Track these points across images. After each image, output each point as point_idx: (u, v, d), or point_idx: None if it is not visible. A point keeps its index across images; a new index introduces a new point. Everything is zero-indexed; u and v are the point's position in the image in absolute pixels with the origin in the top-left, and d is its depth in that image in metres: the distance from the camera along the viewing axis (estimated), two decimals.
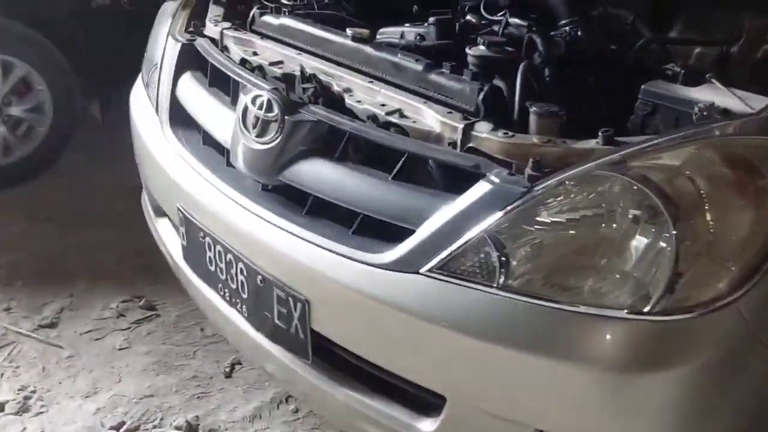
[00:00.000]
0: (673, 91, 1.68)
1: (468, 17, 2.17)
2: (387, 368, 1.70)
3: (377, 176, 1.74)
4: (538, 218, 1.51)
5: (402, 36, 2.09)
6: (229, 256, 1.96)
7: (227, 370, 2.67)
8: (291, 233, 1.81)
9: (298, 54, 2.07)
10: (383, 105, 1.83)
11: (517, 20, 2.05)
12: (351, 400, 1.79)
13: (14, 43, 3.60)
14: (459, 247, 1.55)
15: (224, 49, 2.25)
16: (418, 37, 2.07)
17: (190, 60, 2.29)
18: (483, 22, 2.14)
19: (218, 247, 1.99)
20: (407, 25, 2.18)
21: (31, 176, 3.80)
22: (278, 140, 1.84)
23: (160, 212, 2.43)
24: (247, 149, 1.91)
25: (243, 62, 2.15)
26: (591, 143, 1.58)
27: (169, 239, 2.36)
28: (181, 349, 2.79)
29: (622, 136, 1.61)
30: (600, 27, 2.16)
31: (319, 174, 1.80)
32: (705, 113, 1.56)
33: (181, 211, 2.11)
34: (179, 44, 2.30)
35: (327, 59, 2.02)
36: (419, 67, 1.87)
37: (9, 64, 3.60)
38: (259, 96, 1.89)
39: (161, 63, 2.33)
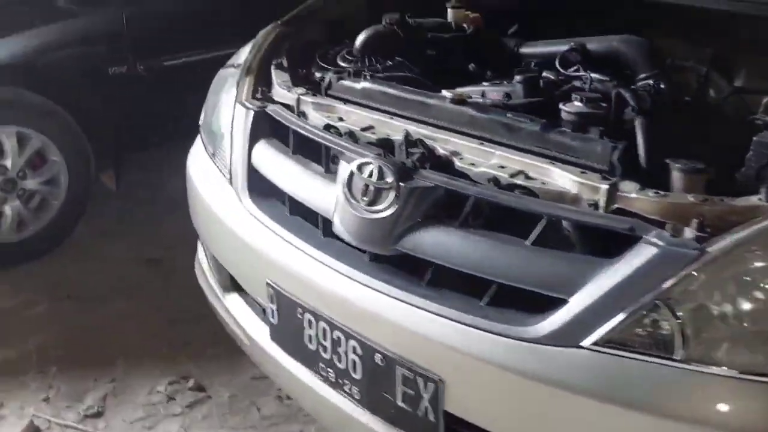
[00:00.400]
0: None
1: (545, 74, 2.12)
2: None
3: (512, 242, 1.64)
4: (717, 282, 1.42)
5: (483, 95, 2.03)
6: (337, 333, 1.84)
7: None
8: (416, 306, 1.69)
9: (390, 118, 1.98)
10: (502, 167, 1.74)
11: (597, 75, 2.00)
12: None
13: (30, 115, 3.44)
14: (629, 317, 1.45)
15: (301, 114, 2.14)
16: (505, 96, 2.01)
17: (263, 127, 2.17)
18: (560, 78, 2.09)
19: (322, 324, 1.87)
20: (486, 84, 2.13)
21: (46, 251, 3.61)
22: (394, 208, 1.74)
23: (229, 288, 2.30)
24: (356, 218, 1.79)
25: (328, 128, 2.05)
26: (752, 200, 1.51)
27: (245, 317, 2.22)
28: None
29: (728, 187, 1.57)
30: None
31: (443, 241, 1.70)
32: None
33: (271, 287, 1.98)
34: (251, 112, 2.19)
35: (423, 122, 1.93)
36: (536, 127, 1.79)
37: (25, 136, 3.44)
38: (368, 163, 1.79)
39: (231, 132, 2.22)
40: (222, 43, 3.80)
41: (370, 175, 1.78)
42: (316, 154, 2.03)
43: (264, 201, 2.10)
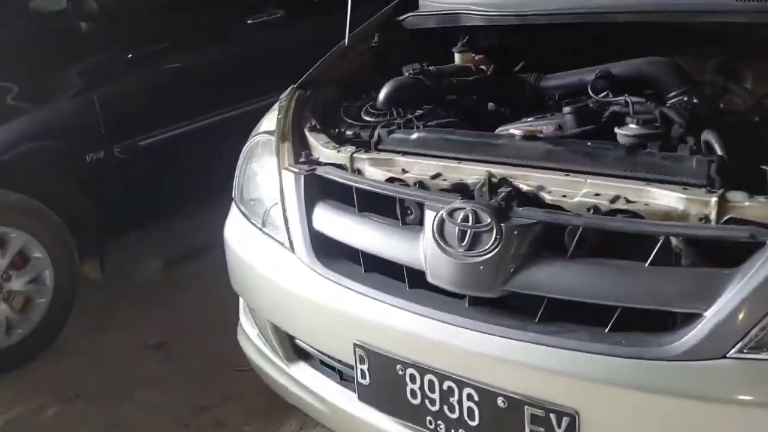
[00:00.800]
0: None
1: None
2: None
3: (630, 266, 1.67)
4: None
5: None
6: (447, 383, 1.81)
7: None
8: (536, 343, 1.69)
9: (458, 163, 1.99)
10: (597, 194, 1.77)
11: (633, 98, 2.08)
12: None
13: (10, 214, 3.29)
14: None
15: (357, 172, 2.13)
16: (557, 127, 2.07)
17: (317, 190, 2.15)
18: (598, 105, 2.16)
19: (428, 377, 1.84)
20: (530, 119, 2.18)
21: (38, 352, 3.43)
22: (497, 249, 1.74)
23: (294, 358, 2.24)
24: (455, 264, 1.79)
25: (391, 181, 2.04)
26: None
27: (319, 384, 2.16)
28: None
29: None
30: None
31: (559, 275, 1.71)
32: None
33: (361, 347, 1.94)
34: (301, 176, 2.16)
35: (495, 162, 1.95)
36: (621, 152, 1.83)
37: (6, 235, 3.28)
38: (459, 209, 1.79)
39: (282, 199, 2.18)
40: (196, 115, 3.80)
41: (465, 220, 1.78)
42: (383, 208, 2.02)
43: (334, 263, 2.07)
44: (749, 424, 1.51)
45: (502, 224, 1.74)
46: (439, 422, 1.85)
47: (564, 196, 1.80)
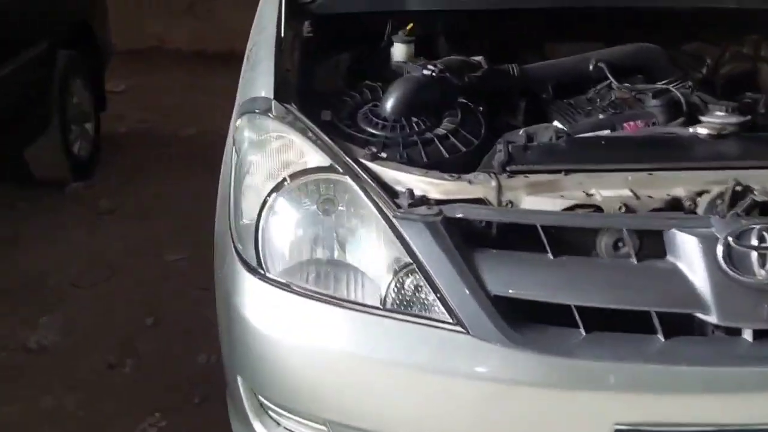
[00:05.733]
0: None
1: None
2: None
3: None
4: None
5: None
6: None
7: None
8: None
9: (649, 174, 1.63)
10: None
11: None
12: None
13: None
14: None
15: (509, 203, 1.59)
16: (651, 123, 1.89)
17: (457, 239, 1.54)
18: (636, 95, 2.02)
19: None
20: (601, 116, 1.97)
21: None
22: None
23: None
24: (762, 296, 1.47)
25: (571, 208, 1.58)
26: None
27: None
28: None
29: None
30: None
31: None
32: None
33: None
34: (437, 224, 1.52)
35: (694, 168, 1.65)
36: None
37: None
38: (748, 230, 1.47)
39: (421, 262, 1.51)
40: None
41: (762, 240, 1.47)
42: (565, 245, 1.55)
43: (535, 334, 1.51)
44: None
45: None
46: None
47: None
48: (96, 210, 3.94)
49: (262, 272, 1.60)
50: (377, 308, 1.54)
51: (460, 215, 1.54)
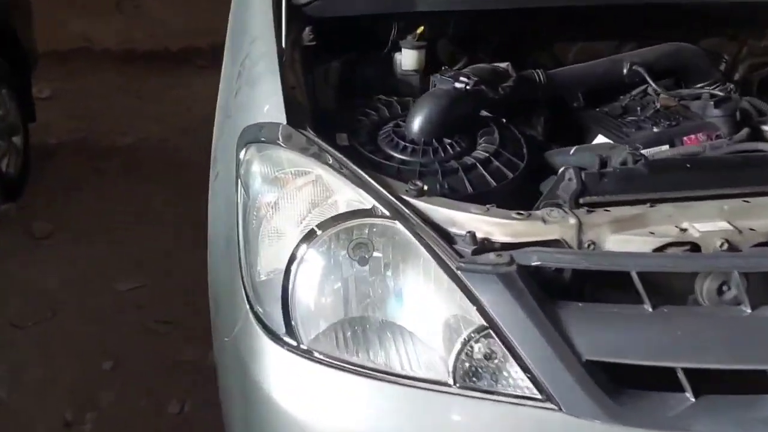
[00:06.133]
0: None
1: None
2: None
3: None
4: None
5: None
6: None
7: None
8: None
9: (745, 201, 1.38)
10: None
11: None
12: None
13: None
14: None
15: (591, 245, 1.31)
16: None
17: (538, 294, 1.26)
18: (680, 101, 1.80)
19: None
20: (653, 129, 1.72)
21: None
22: None
23: None
24: None
25: (664, 247, 1.31)
26: None
27: None
28: None
29: None
30: None
31: None
32: None
33: None
34: (512, 274, 1.24)
35: None
36: None
37: None
38: None
39: (497, 326, 1.23)
40: None
41: None
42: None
43: (636, 403, 1.25)
44: None
45: None
46: None
47: None
48: (30, 235, 3.53)
49: (295, 343, 1.29)
50: (447, 385, 1.24)
51: (537, 263, 1.25)
